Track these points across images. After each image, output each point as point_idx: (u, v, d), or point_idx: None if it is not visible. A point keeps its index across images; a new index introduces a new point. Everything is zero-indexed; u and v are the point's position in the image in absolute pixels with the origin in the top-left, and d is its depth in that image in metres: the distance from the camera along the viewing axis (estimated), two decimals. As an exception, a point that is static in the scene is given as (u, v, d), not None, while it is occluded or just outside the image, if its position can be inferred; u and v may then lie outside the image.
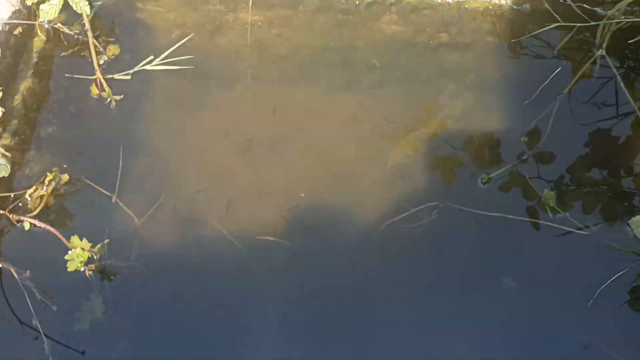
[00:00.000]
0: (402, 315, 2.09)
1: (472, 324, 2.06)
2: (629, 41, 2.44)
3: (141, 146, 2.40)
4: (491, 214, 2.19)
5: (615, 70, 2.41)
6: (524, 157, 2.26)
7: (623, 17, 2.31)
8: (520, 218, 2.21)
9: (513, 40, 2.56)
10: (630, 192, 2.25)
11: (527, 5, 2.65)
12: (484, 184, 2.23)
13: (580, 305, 2.03)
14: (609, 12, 2.31)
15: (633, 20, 2.37)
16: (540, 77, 2.45)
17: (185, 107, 2.50)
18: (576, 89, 2.45)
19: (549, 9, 2.49)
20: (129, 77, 2.51)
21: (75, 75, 2.52)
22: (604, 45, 2.42)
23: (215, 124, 2.48)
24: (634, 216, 2.10)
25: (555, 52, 2.52)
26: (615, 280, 2.01)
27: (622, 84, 2.38)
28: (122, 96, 2.49)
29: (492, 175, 2.22)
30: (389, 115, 2.47)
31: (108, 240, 2.14)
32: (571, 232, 2.15)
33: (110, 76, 2.51)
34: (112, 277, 2.13)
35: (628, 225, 2.11)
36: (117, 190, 2.27)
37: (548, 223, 2.18)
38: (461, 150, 2.35)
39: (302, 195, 2.31)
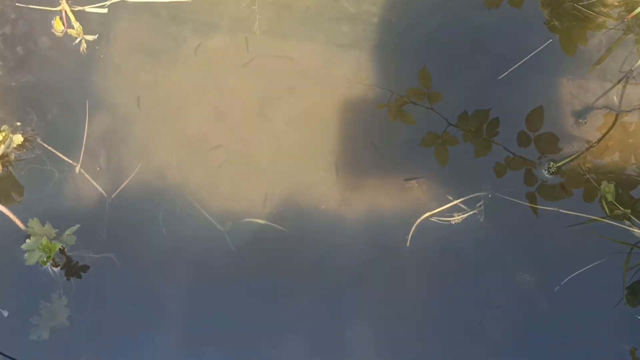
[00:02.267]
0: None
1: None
2: None
3: (114, 103, 1.98)
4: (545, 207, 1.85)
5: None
6: (594, 144, 1.90)
7: None
8: (576, 214, 1.88)
9: None
10: None
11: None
12: (550, 174, 1.87)
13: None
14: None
15: None
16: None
17: (173, 56, 2.04)
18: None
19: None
20: (105, 10, 2.05)
21: (31, 6, 2.04)
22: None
23: (204, 79, 2.02)
24: None
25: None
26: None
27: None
28: (96, 36, 2.03)
29: (560, 163, 1.86)
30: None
31: (79, 225, 1.68)
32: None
33: (80, 8, 2.04)
34: (80, 272, 1.68)
35: None
36: (82, 157, 1.83)
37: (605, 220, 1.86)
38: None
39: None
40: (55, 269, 1.68)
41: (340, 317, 1.82)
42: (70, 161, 1.84)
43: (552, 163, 1.94)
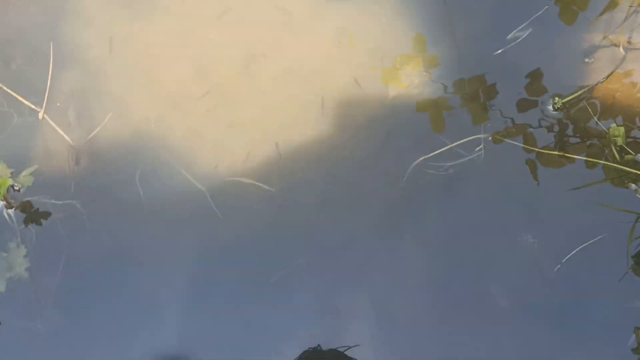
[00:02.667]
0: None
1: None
2: None
3: (82, 43, 1.80)
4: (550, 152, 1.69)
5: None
6: (602, 80, 1.74)
7: None
8: (580, 157, 1.72)
9: None
10: None
11: None
12: (556, 109, 1.72)
13: None
14: None
15: None
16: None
17: (134, 4, 1.89)
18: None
19: None
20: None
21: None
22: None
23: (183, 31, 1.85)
24: None
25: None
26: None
27: None
28: None
29: (565, 99, 1.70)
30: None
31: (37, 166, 1.53)
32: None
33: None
34: (40, 219, 1.53)
35: None
36: (45, 102, 1.65)
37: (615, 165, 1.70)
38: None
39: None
40: (11, 212, 1.52)
41: (333, 281, 1.68)
42: (33, 106, 1.69)
43: (557, 98, 1.78)
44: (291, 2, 1.88)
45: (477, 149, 1.72)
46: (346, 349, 1.56)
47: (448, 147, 1.71)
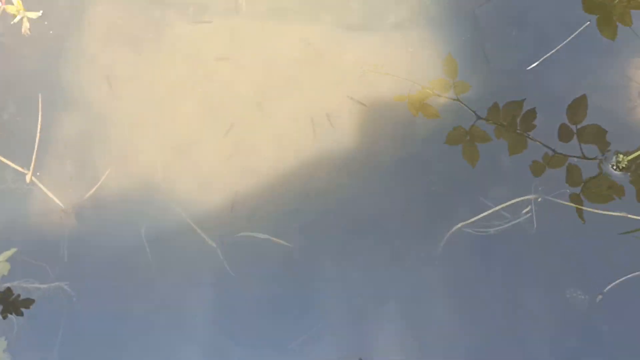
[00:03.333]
0: None
1: None
2: None
3: (71, 96, 1.66)
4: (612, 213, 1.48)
5: None
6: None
7: None
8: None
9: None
10: None
11: None
12: (620, 170, 1.48)
13: None
14: None
15: None
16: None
17: (138, 42, 1.73)
18: None
19: None
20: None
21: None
22: None
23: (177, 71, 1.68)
24: None
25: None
26: None
27: None
28: (40, 13, 1.72)
29: (630, 157, 1.47)
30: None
31: (15, 249, 1.37)
32: None
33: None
34: (20, 308, 1.37)
35: None
36: (33, 163, 1.54)
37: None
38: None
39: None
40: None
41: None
42: (20, 168, 1.51)
43: (621, 156, 1.53)
44: (312, 34, 1.66)
45: (525, 211, 1.50)
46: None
47: (491, 210, 1.50)
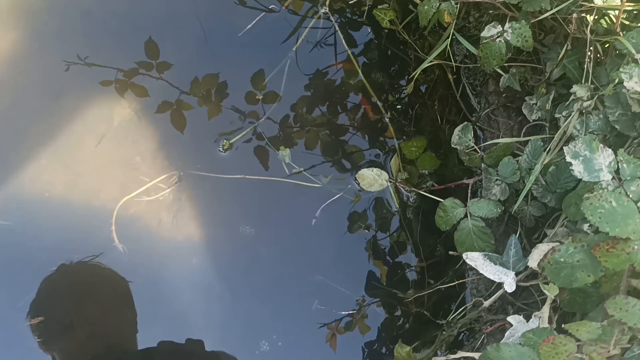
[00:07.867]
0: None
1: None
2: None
3: None
4: (232, 176, 2.16)
5: (335, 24, 2.47)
6: (261, 119, 2.24)
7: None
8: (260, 177, 2.22)
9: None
10: (356, 152, 2.40)
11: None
12: (225, 150, 2.18)
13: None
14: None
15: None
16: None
17: None
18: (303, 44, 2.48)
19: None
20: None
21: None
22: (327, 2, 2.49)
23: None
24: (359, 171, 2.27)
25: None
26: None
27: (340, 34, 2.45)
28: None
29: (233, 140, 2.17)
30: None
31: None
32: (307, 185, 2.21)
33: None
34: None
35: (355, 179, 2.27)
36: None
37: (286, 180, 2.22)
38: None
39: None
40: None
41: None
42: None
43: (225, 140, 2.07)
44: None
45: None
46: None
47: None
